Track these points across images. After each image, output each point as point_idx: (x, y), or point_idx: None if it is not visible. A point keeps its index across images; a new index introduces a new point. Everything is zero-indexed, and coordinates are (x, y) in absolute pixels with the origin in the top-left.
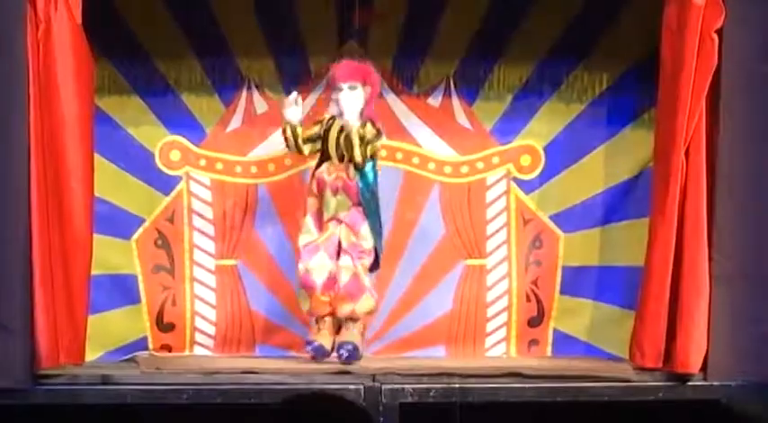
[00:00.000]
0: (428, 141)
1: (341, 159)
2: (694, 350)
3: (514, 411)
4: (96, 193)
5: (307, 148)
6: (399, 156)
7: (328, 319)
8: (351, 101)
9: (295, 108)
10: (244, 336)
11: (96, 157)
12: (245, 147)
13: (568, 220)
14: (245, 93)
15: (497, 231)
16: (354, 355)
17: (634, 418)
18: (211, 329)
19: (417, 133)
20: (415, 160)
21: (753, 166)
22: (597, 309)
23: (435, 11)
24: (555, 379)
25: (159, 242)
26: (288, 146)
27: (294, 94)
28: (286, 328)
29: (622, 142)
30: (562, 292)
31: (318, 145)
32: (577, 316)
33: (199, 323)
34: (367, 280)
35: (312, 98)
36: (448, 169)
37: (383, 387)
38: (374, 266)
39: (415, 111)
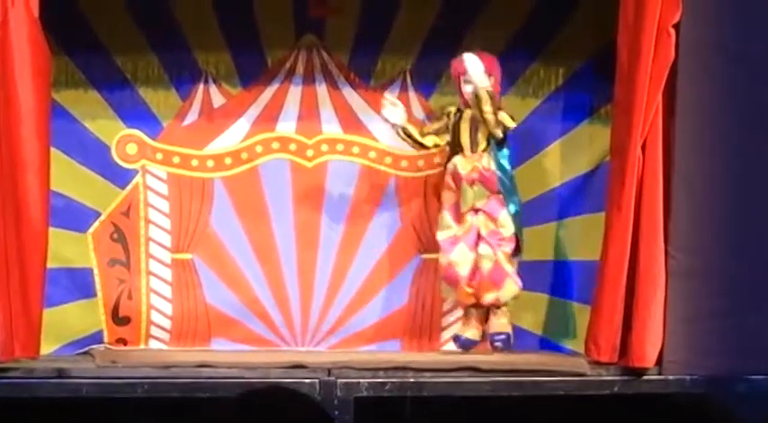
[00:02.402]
0: (385, 135)
1: (473, 150)
2: (650, 345)
3: (470, 406)
4: (52, 187)
5: (429, 141)
6: (356, 150)
7: (474, 311)
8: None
9: (393, 109)
10: (199, 330)
11: (53, 150)
12: (202, 140)
13: (525, 214)
14: (202, 86)
15: None
16: (507, 344)
17: (590, 413)
18: (167, 323)
19: (374, 127)
20: (372, 154)
21: (709, 161)
22: (553, 303)
23: (392, 4)
24: (510, 373)
25: (115, 236)
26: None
27: (387, 95)
28: (242, 323)
29: (579, 137)
30: None
31: (443, 139)
32: (533, 310)
33: (154, 317)
34: (509, 266)
35: (269, 92)
36: (404, 163)
37: (338, 381)
38: (516, 252)
39: (371, 104)
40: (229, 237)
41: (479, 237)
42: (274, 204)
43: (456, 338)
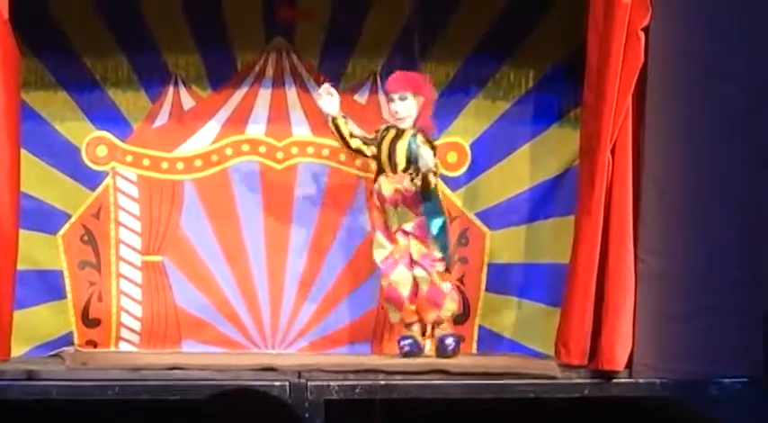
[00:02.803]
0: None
1: (394, 170)
2: (620, 348)
3: (440, 408)
4: (22, 189)
5: (354, 142)
6: (326, 152)
7: (416, 325)
8: (402, 111)
9: (327, 99)
10: (170, 332)
11: (23, 152)
12: (172, 143)
13: (494, 217)
14: (171, 88)
15: None
16: (458, 346)
17: (560, 416)
18: (137, 325)
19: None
20: (342, 157)
21: (678, 164)
22: (523, 306)
23: (362, 7)
24: (480, 376)
25: (85, 238)
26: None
27: (326, 85)
28: (212, 325)
29: (548, 140)
30: (488, 289)
31: (369, 150)
32: (503, 313)
33: (125, 319)
34: (445, 285)
35: (239, 94)
36: (374, 166)
37: (309, 384)
38: (446, 271)
39: (341, 107)
40: (199, 239)
41: (412, 260)
42: (244, 207)
43: (403, 339)
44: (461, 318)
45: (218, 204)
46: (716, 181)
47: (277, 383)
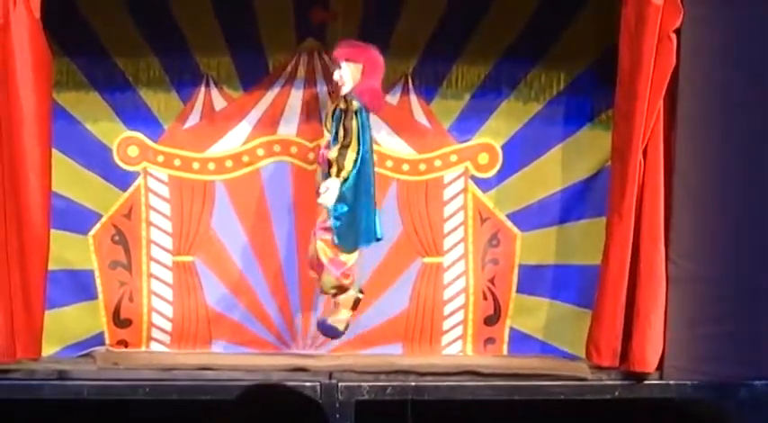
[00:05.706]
0: (386, 139)
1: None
2: (650, 349)
3: (471, 409)
4: (54, 189)
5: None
6: None
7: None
8: (337, 78)
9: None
10: (200, 332)
11: (54, 152)
12: (203, 143)
13: (526, 218)
14: (203, 89)
15: (455, 229)
16: (330, 332)
17: (590, 417)
18: (168, 326)
19: (375, 131)
20: (374, 158)
21: (710, 166)
22: (554, 307)
23: (394, 8)
24: (511, 377)
25: (116, 238)
26: None
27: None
28: (243, 325)
29: (580, 142)
30: (519, 290)
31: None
32: (534, 314)
33: (156, 319)
34: (324, 258)
35: (270, 95)
36: (406, 167)
37: (340, 384)
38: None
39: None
40: (230, 239)
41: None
42: (275, 207)
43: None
44: (492, 319)
45: (250, 205)
46: (748, 183)
47: (308, 384)
